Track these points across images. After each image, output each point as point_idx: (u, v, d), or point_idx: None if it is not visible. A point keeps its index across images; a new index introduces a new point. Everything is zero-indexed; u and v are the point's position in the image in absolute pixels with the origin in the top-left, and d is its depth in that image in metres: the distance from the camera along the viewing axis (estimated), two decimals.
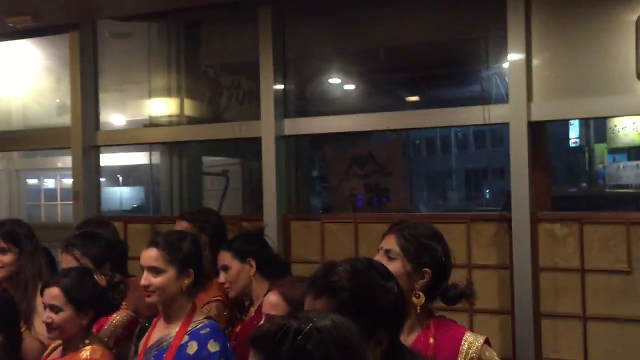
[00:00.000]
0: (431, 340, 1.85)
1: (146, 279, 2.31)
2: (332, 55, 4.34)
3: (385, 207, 4.34)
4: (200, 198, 4.85)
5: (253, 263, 2.67)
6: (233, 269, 2.68)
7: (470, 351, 1.83)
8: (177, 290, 2.33)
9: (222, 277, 2.70)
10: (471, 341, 1.85)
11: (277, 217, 3.70)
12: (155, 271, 2.31)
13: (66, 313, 2.22)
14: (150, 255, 2.33)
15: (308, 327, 1.17)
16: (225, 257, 2.70)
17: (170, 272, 2.32)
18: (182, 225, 2.97)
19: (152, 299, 2.33)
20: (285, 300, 2.04)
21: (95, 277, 2.33)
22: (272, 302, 2.06)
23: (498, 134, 25.36)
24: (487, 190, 26.32)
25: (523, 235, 3.21)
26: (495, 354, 1.87)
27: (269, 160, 3.74)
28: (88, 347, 2.25)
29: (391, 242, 1.93)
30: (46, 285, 2.31)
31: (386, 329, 1.48)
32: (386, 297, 1.51)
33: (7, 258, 2.87)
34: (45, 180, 8.81)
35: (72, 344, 2.27)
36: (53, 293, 2.24)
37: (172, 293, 2.32)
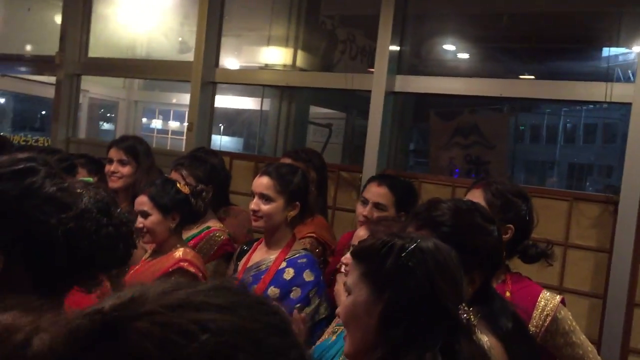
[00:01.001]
0: (507, 293, 1.87)
1: (256, 204, 2.44)
2: (452, 16, 4.27)
3: None
4: (303, 146, 4.98)
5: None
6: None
7: (547, 308, 1.85)
8: (282, 219, 2.46)
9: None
10: (548, 299, 1.87)
11: (377, 171, 3.75)
12: (266, 198, 2.43)
13: (154, 217, 2.41)
14: (263, 182, 2.45)
15: (412, 246, 1.22)
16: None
17: (279, 202, 2.44)
18: (286, 161, 3.07)
19: (259, 223, 2.46)
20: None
21: (179, 185, 2.52)
22: (361, 236, 2.14)
23: (611, 129, 23.93)
24: (590, 189, 25.09)
25: (629, 220, 3.09)
26: (569, 314, 1.88)
27: (376, 113, 3.77)
28: (180, 249, 2.43)
29: (477, 196, 1.95)
30: (135, 195, 2.51)
31: (481, 270, 1.51)
32: (485, 238, 1.54)
33: (125, 170, 3.11)
34: (160, 114, 9.28)
35: (164, 247, 2.46)
36: (141, 200, 2.44)
37: (277, 221, 2.45)
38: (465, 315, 1.19)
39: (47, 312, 0.50)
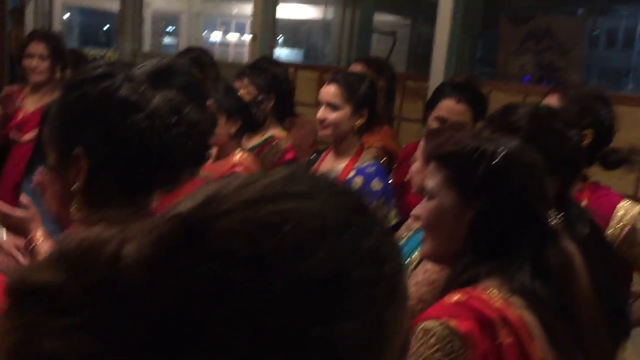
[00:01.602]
0: (585, 201, 1.82)
1: (323, 113, 2.43)
2: None
3: None
4: (366, 55, 4.88)
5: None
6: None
7: (625, 218, 1.79)
8: (349, 128, 2.44)
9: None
10: (627, 208, 1.81)
11: (444, 79, 3.64)
12: (333, 107, 2.41)
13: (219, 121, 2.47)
14: (330, 91, 2.43)
15: (504, 152, 1.19)
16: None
17: (346, 110, 2.41)
18: (357, 68, 3.02)
19: (326, 132, 2.46)
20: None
21: (241, 92, 2.56)
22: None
23: None
24: None
25: None
26: None
27: (444, 19, 3.62)
28: (238, 154, 2.48)
29: (554, 102, 1.87)
30: None
31: (558, 176, 1.47)
32: (564, 144, 1.49)
33: None
34: (221, 25, 9.25)
35: (224, 152, 2.49)
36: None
37: (344, 130, 2.43)
38: (553, 221, 1.18)
39: (132, 220, 0.49)
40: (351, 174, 2.42)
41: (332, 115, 2.41)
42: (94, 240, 0.45)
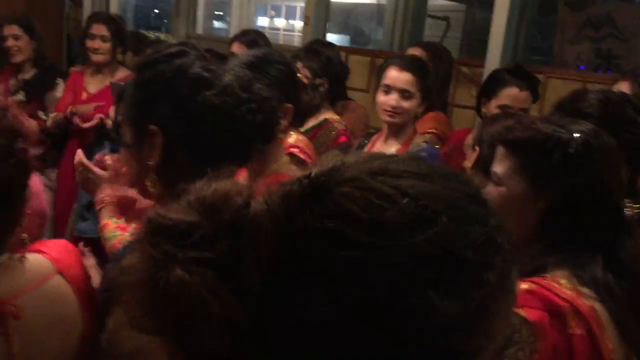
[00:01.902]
0: None
1: (397, 100, 2.37)
2: None
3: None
4: (419, 40, 4.81)
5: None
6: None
7: None
8: (414, 115, 2.44)
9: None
10: None
11: (500, 66, 3.57)
12: (408, 95, 2.38)
13: None
14: (405, 79, 2.38)
15: (580, 139, 1.14)
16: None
17: (417, 98, 2.40)
18: (414, 52, 2.99)
19: (397, 119, 2.41)
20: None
21: (299, 75, 2.54)
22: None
23: None
24: None
25: None
26: None
27: (503, 2, 3.54)
28: (293, 135, 2.48)
29: (624, 89, 1.81)
30: None
31: (629, 166, 1.43)
32: (636, 131, 1.45)
33: None
34: (272, 10, 9.28)
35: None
36: None
37: (411, 117, 2.43)
38: (629, 211, 1.14)
39: None
40: None
41: (407, 104, 2.38)
42: (228, 189, 0.50)
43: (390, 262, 0.46)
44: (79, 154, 1.63)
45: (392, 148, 2.44)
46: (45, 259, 1.05)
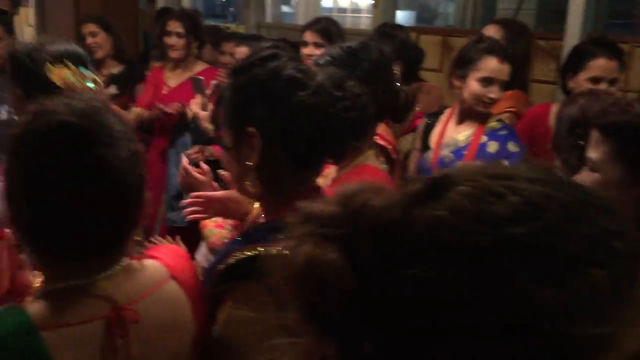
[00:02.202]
0: None
1: (498, 93, 2.33)
2: None
3: None
4: (492, 15, 4.69)
5: None
6: None
7: None
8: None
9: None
10: None
11: (580, 38, 3.44)
12: (504, 86, 2.34)
13: None
14: (507, 71, 2.33)
15: None
16: None
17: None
18: (492, 30, 2.92)
19: (486, 109, 2.38)
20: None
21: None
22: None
23: None
24: None
25: None
26: None
27: None
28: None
29: None
30: None
31: None
32: None
33: (319, 52, 3.18)
34: None
35: None
36: None
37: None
38: None
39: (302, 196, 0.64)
40: (483, 139, 2.38)
41: (500, 94, 2.35)
42: (362, 188, 0.58)
43: (491, 251, 0.51)
44: (185, 160, 1.82)
45: (467, 130, 2.43)
46: (159, 264, 1.11)
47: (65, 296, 0.97)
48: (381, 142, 2.04)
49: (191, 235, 1.94)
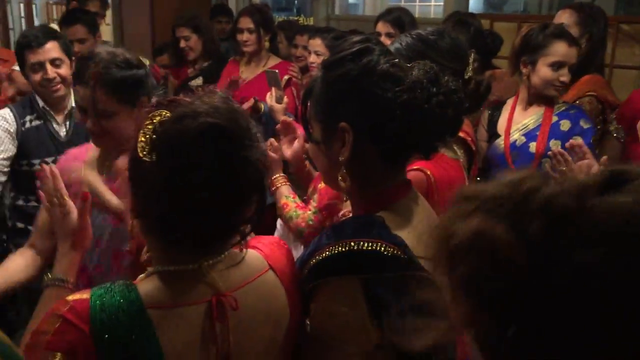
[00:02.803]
0: None
1: (567, 76, 2.44)
2: None
3: None
4: (569, 0, 4.51)
5: None
6: None
7: None
8: None
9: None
10: None
11: None
12: (572, 69, 2.45)
13: None
14: (575, 54, 2.44)
15: None
16: None
17: None
18: (565, 15, 2.83)
19: (557, 92, 2.50)
20: None
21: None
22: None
23: None
24: None
25: None
26: None
27: None
28: None
29: None
30: None
31: None
32: None
33: (387, 42, 3.16)
34: None
35: None
36: None
37: None
38: None
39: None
40: (554, 119, 2.46)
41: (569, 77, 2.45)
42: (532, 175, 0.62)
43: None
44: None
45: (535, 114, 2.51)
46: (259, 255, 1.13)
47: (174, 278, 1.02)
48: (460, 134, 2.02)
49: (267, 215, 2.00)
